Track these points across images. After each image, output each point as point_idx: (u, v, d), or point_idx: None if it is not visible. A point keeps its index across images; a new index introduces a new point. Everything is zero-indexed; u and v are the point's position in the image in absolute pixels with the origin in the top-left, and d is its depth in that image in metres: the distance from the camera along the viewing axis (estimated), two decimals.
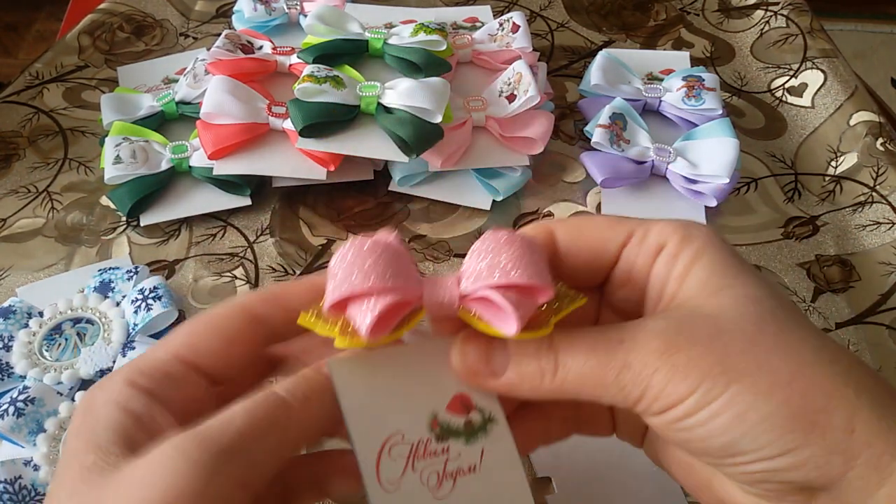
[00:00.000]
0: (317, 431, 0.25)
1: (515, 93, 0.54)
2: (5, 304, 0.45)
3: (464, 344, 0.26)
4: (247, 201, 0.52)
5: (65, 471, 0.23)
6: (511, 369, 0.25)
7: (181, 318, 0.47)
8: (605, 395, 0.25)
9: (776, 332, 0.24)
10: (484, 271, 0.24)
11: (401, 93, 0.50)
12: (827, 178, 0.56)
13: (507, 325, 0.24)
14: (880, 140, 0.56)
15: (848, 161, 0.56)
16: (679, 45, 0.66)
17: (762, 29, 0.67)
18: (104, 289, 0.46)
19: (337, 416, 0.25)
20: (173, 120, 0.56)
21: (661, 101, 0.57)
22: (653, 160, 0.53)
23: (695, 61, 0.63)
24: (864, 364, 0.24)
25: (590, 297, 0.28)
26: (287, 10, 0.61)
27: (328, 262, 0.50)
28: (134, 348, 0.42)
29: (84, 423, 0.24)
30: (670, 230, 0.26)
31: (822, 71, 0.62)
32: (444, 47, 0.55)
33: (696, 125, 0.55)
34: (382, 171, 0.54)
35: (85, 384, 0.42)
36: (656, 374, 0.23)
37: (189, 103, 0.55)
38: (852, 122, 0.58)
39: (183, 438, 0.22)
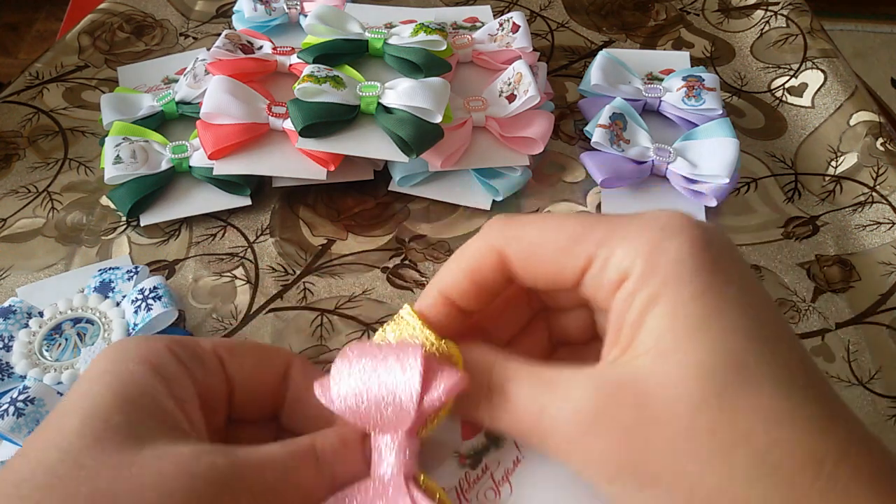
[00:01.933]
0: (332, 488, 0.25)
1: (515, 93, 0.54)
2: (5, 304, 0.45)
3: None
4: (247, 201, 0.52)
5: (79, 417, 0.21)
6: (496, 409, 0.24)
7: (181, 318, 0.47)
8: (537, 448, 0.24)
9: (711, 427, 0.20)
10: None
11: (401, 93, 0.50)
12: (827, 178, 0.56)
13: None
14: (880, 140, 0.56)
15: (848, 161, 0.56)
16: (679, 45, 0.66)
17: (762, 29, 0.67)
18: (104, 289, 0.46)
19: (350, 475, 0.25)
20: (173, 120, 0.56)
21: (661, 101, 0.57)
22: (653, 160, 0.53)
23: (695, 61, 0.63)
24: (832, 452, 0.20)
25: (584, 312, 0.27)
26: (287, 10, 0.61)
27: (329, 261, 0.50)
28: None
29: (112, 375, 0.22)
30: (633, 255, 0.23)
31: (822, 71, 0.62)
32: (444, 47, 0.55)
33: (696, 125, 0.55)
34: (382, 171, 0.54)
35: None
36: (573, 457, 0.22)
37: (189, 103, 0.55)
38: (852, 122, 0.58)
39: (220, 458, 0.22)
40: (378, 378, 0.24)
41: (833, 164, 0.56)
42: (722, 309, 0.21)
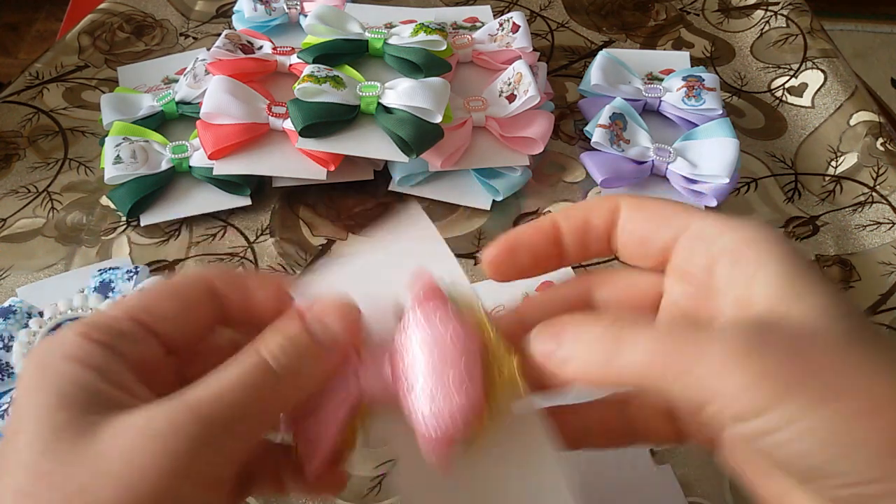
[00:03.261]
0: (303, 395, 0.24)
1: (515, 93, 0.54)
2: (5, 304, 0.45)
3: (539, 330, 0.25)
4: (247, 201, 0.52)
5: (27, 430, 0.21)
6: (578, 355, 0.24)
7: None
8: (668, 391, 0.22)
9: (863, 348, 0.21)
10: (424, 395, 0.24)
11: (401, 93, 0.50)
12: (827, 178, 0.56)
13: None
14: (880, 140, 0.56)
15: (848, 161, 0.56)
16: (679, 45, 0.66)
17: (762, 29, 0.67)
18: (104, 289, 0.46)
19: (322, 377, 0.25)
20: (173, 120, 0.56)
21: (661, 101, 0.57)
22: (653, 160, 0.53)
23: (695, 61, 0.63)
24: None
25: (654, 279, 0.27)
26: (287, 10, 0.61)
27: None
28: None
29: (43, 379, 0.22)
30: (722, 229, 0.24)
31: (822, 71, 0.62)
32: (444, 47, 0.55)
33: (696, 125, 0.55)
34: (382, 171, 0.54)
35: None
36: (731, 377, 0.21)
37: (189, 103, 0.55)
38: (852, 122, 0.58)
39: (173, 410, 0.21)
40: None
41: (833, 164, 0.56)
42: (816, 268, 0.23)
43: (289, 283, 0.26)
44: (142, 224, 0.51)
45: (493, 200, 0.53)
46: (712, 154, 0.52)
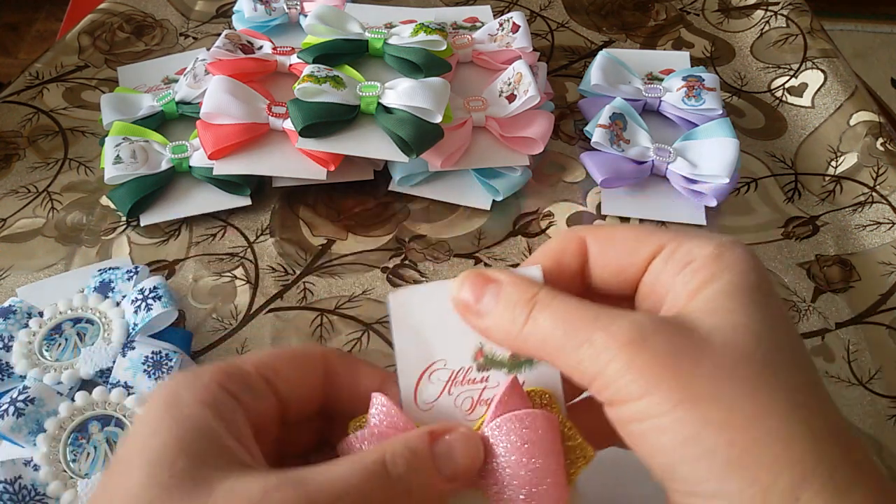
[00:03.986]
0: None
1: (515, 93, 0.54)
2: (5, 304, 0.45)
3: (465, 277, 0.26)
4: (247, 201, 0.52)
5: (143, 469, 0.21)
6: (492, 314, 0.25)
7: (181, 318, 0.47)
8: (561, 365, 0.24)
9: (756, 373, 0.22)
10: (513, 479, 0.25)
11: (401, 93, 0.50)
12: (827, 178, 0.56)
13: None
14: (880, 140, 0.56)
15: (848, 161, 0.56)
16: (679, 45, 0.66)
17: (762, 29, 0.67)
18: (104, 289, 0.46)
19: (429, 500, 0.25)
20: (173, 120, 0.56)
21: (661, 101, 0.57)
22: (653, 160, 0.53)
23: (695, 61, 0.63)
24: (849, 441, 0.22)
25: (622, 306, 0.28)
26: (287, 10, 0.61)
27: (329, 261, 0.50)
28: (134, 348, 0.42)
29: (171, 419, 0.22)
30: (702, 246, 0.25)
31: (822, 71, 0.62)
32: (444, 47, 0.55)
33: (696, 125, 0.55)
34: (382, 171, 0.54)
35: (85, 384, 0.42)
36: (613, 362, 0.22)
37: (189, 103, 0.55)
38: (852, 122, 0.58)
39: (287, 486, 0.21)
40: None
41: (833, 164, 0.56)
42: (772, 300, 0.24)
43: (391, 379, 0.27)
44: (142, 224, 0.51)
45: (493, 200, 0.53)
46: (712, 154, 0.52)
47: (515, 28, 0.58)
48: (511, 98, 0.54)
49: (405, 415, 0.26)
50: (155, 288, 0.44)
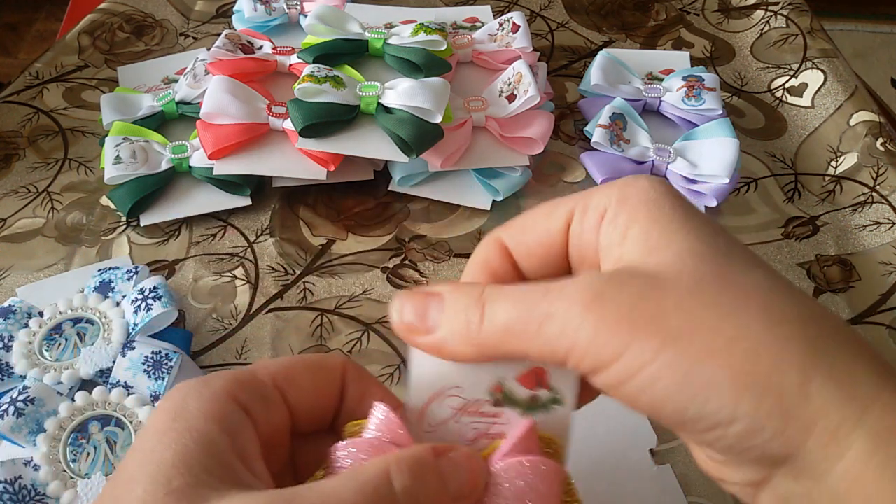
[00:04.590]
0: None
1: (515, 93, 0.54)
2: (5, 304, 0.45)
3: (402, 300, 0.25)
4: (247, 201, 0.52)
5: (142, 484, 0.21)
6: (443, 325, 0.24)
7: (181, 318, 0.47)
8: (531, 350, 0.23)
9: (719, 289, 0.21)
10: None
11: (401, 93, 0.50)
12: (827, 178, 0.56)
13: None
14: (880, 140, 0.56)
15: (848, 161, 0.56)
16: (679, 45, 0.66)
17: (762, 29, 0.67)
18: (104, 289, 0.46)
19: None
20: (173, 120, 0.56)
21: (661, 101, 0.57)
22: (653, 160, 0.53)
23: (695, 61, 0.63)
24: (831, 320, 0.22)
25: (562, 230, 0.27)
26: (287, 10, 0.61)
27: (329, 261, 0.50)
28: (134, 348, 0.42)
29: (174, 432, 0.22)
30: (606, 193, 0.24)
31: (822, 71, 0.62)
32: (444, 47, 0.55)
33: (696, 125, 0.55)
34: (382, 171, 0.54)
35: (85, 384, 0.42)
36: (581, 328, 0.21)
37: (189, 103, 0.55)
38: (852, 122, 0.58)
39: None
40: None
41: (833, 164, 0.56)
42: (696, 215, 0.23)
43: (400, 405, 0.26)
44: (142, 224, 0.51)
45: (493, 200, 0.53)
46: (712, 154, 0.52)
47: (515, 28, 0.58)
48: (511, 98, 0.54)
49: (407, 431, 0.25)
50: (155, 288, 0.44)
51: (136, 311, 0.44)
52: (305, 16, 0.59)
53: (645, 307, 0.21)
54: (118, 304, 0.45)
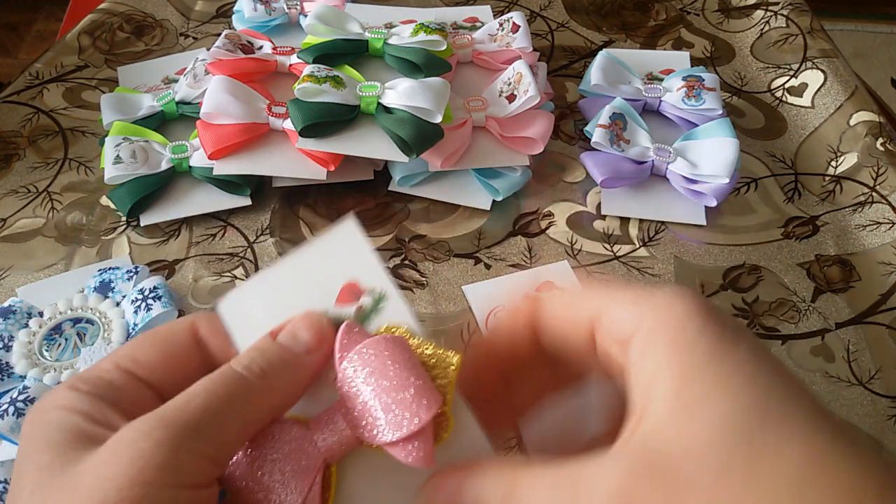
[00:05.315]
0: (279, 403, 0.25)
1: (515, 93, 0.54)
2: (5, 304, 0.45)
3: (435, 491, 0.24)
4: (247, 201, 0.52)
5: (20, 477, 0.23)
6: None
7: (181, 317, 0.47)
8: None
9: (745, 476, 0.20)
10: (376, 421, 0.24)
11: (401, 93, 0.50)
12: (827, 178, 0.56)
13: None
14: (880, 140, 0.56)
15: (848, 161, 0.56)
16: (679, 45, 0.66)
17: (762, 29, 0.67)
18: (104, 289, 0.46)
19: (299, 386, 0.25)
20: (173, 120, 0.56)
21: (661, 101, 0.57)
22: (653, 160, 0.53)
23: (695, 61, 0.63)
24: (875, 474, 0.20)
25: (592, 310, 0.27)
26: (287, 10, 0.61)
27: None
28: None
29: (34, 429, 0.24)
30: (638, 314, 0.23)
31: (822, 71, 0.62)
32: (444, 47, 0.55)
33: (696, 125, 0.55)
34: (382, 171, 0.54)
35: None
36: None
37: (189, 103, 0.55)
38: (852, 122, 0.58)
39: (143, 420, 0.22)
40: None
41: (833, 164, 0.56)
42: (732, 361, 0.21)
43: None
44: (142, 224, 0.51)
45: (493, 200, 0.53)
46: (712, 154, 0.52)
47: (515, 28, 0.58)
48: (511, 98, 0.54)
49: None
50: (155, 288, 0.44)
51: (136, 312, 0.44)
52: (305, 16, 0.59)
53: None
54: (118, 304, 0.45)
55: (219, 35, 0.57)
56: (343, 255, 0.27)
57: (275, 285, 0.26)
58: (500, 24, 0.59)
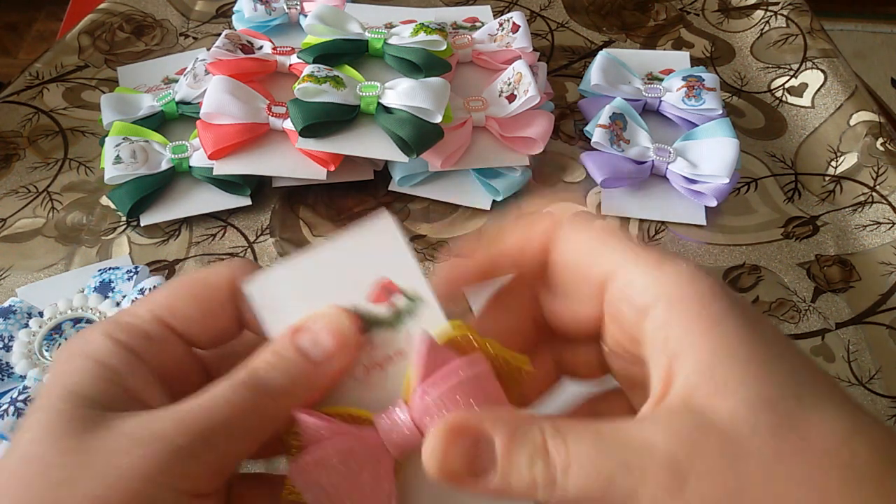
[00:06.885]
0: (292, 410, 0.24)
1: (515, 93, 0.54)
2: (5, 304, 0.45)
3: (440, 442, 0.22)
4: (247, 201, 0.52)
5: (33, 417, 0.22)
6: (500, 474, 0.22)
7: None
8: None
9: (794, 451, 0.20)
10: (437, 408, 0.23)
11: (401, 93, 0.50)
12: (827, 178, 0.56)
13: None
14: (880, 140, 0.56)
15: (848, 161, 0.56)
16: (679, 45, 0.66)
17: (762, 29, 0.67)
18: (104, 289, 0.46)
19: (315, 393, 0.25)
20: (173, 120, 0.56)
21: (661, 101, 0.57)
22: (653, 160, 0.53)
23: (695, 61, 0.63)
24: None
25: (593, 348, 0.27)
26: (287, 10, 0.61)
27: None
28: None
29: (59, 371, 0.23)
30: (654, 286, 0.23)
31: (822, 71, 0.62)
32: (444, 47, 0.55)
33: (696, 125, 0.55)
34: (382, 171, 0.54)
35: None
36: None
37: (189, 103, 0.55)
38: (852, 122, 0.58)
39: (160, 419, 0.22)
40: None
41: (833, 164, 0.56)
42: (762, 336, 0.22)
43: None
44: (142, 224, 0.51)
45: (493, 200, 0.53)
46: (712, 154, 0.52)
47: (515, 28, 0.58)
48: (511, 98, 0.54)
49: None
50: (155, 288, 0.44)
51: None
52: (305, 16, 0.59)
53: (730, 485, 0.20)
54: (118, 304, 0.45)
55: (219, 35, 0.57)
56: (377, 250, 0.26)
57: (305, 274, 0.26)
58: (500, 24, 0.59)
